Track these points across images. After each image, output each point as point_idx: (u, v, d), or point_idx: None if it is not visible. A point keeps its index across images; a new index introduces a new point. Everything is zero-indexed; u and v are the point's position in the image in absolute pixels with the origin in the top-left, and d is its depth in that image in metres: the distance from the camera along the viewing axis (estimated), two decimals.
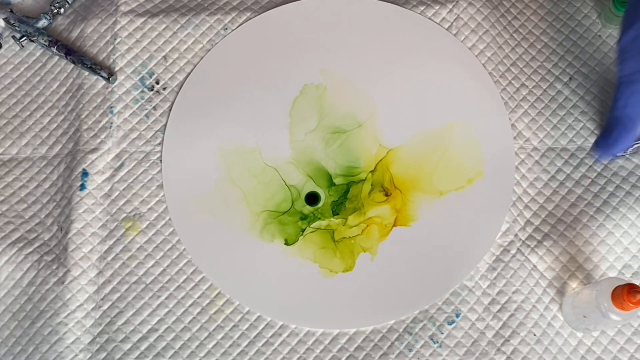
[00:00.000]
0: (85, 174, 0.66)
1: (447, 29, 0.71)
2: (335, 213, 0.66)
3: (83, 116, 0.68)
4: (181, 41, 0.71)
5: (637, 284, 0.64)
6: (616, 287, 0.55)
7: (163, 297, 0.63)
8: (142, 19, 0.71)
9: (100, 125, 0.68)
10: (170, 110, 0.69)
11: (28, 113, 0.69)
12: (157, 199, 0.66)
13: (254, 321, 0.63)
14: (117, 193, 0.66)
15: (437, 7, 0.72)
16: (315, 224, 0.65)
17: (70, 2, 0.72)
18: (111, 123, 0.68)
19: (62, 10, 0.72)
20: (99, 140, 0.67)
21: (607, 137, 0.59)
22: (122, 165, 0.67)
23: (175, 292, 0.63)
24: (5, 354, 0.62)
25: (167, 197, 0.66)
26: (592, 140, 0.68)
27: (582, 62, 0.71)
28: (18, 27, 0.70)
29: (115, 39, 0.70)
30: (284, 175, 0.67)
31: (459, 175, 0.67)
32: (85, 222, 0.65)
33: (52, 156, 0.68)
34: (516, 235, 0.65)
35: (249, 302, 0.63)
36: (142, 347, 0.62)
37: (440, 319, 0.62)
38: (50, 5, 0.72)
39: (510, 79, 0.70)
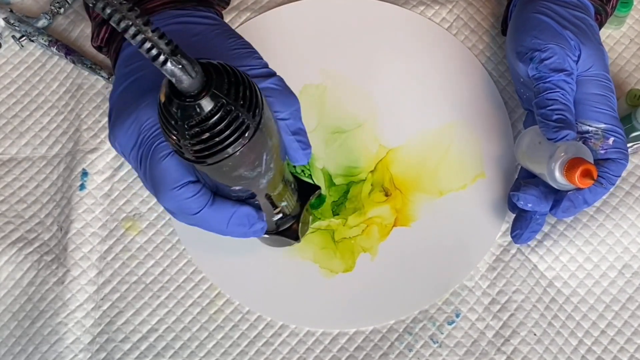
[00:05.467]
0: (85, 173, 0.66)
1: (447, 29, 0.72)
2: (335, 213, 0.66)
3: (83, 116, 0.68)
4: None
5: (637, 283, 0.64)
6: (573, 159, 0.54)
7: (163, 297, 0.63)
8: None
9: (100, 125, 0.68)
10: None
11: (27, 113, 0.69)
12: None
13: (253, 321, 0.63)
14: (117, 193, 0.66)
15: (437, 7, 0.72)
16: (315, 224, 0.65)
17: (70, 2, 0.72)
18: None
19: (62, 10, 0.72)
20: (98, 140, 0.67)
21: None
22: (121, 165, 0.67)
23: (175, 292, 0.63)
24: (5, 354, 0.62)
25: None
26: None
27: None
28: (18, 26, 0.70)
29: None
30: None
31: (459, 175, 0.67)
32: (85, 222, 0.65)
33: (51, 156, 0.68)
34: None
35: (249, 302, 0.63)
36: (142, 347, 0.62)
37: (440, 319, 0.62)
38: (50, 5, 0.72)
39: (510, 79, 0.69)
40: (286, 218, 0.56)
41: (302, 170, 0.66)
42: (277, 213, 0.54)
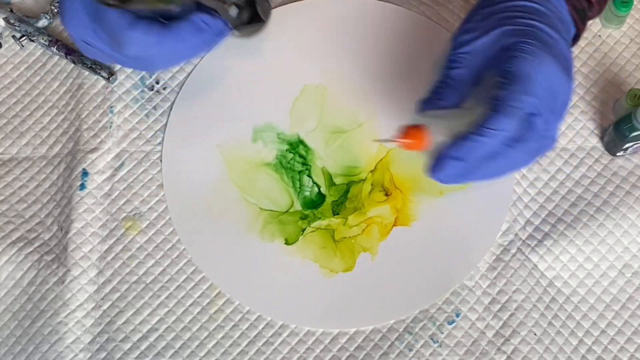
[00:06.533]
0: (85, 173, 0.66)
1: (447, 29, 0.71)
2: (335, 213, 0.66)
3: (83, 116, 0.68)
4: None
5: (637, 282, 0.64)
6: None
7: (163, 297, 0.63)
8: None
9: (101, 124, 0.68)
10: (170, 109, 0.69)
11: (28, 113, 0.69)
12: (157, 198, 0.66)
13: (254, 321, 0.63)
14: (117, 193, 0.66)
15: (437, 7, 0.72)
16: (315, 224, 0.65)
17: None
18: (111, 123, 0.68)
19: None
20: (99, 140, 0.67)
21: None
22: (122, 164, 0.67)
23: (175, 291, 0.63)
24: (5, 353, 0.62)
25: (167, 197, 0.66)
26: (592, 140, 0.68)
27: (582, 62, 0.71)
28: (18, 26, 0.70)
29: None
30: (284, 174, 0.67)
31: None
32: (85, 222, 0.65)
33: (52, 156, 0.68)
34: (516, 234, 0.65)
35: (249, 302, 0.63)
36: (142, 347, 0.62)
37: (440, 319, 0.62)
38: (50, 4, 0.72)
39: None
40: (244, 9, 0.60)
41: (301, 170, 0.66)
42: (230, 6, 0.58)
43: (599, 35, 0.71)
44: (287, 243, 0.65)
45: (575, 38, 0.58)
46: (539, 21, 0.53)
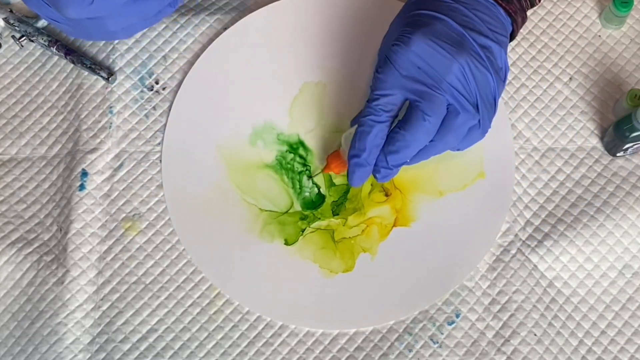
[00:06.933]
0: (84, 174, 0.66)
1: None
2: (335, 213, 0.65)
3: (82, 116, 0.68)
4: (181, 41, 0.71)
5: (637, 283, 0.64)
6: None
7: (162, 298, 0.63)
8: None
9: (100, 125, 0.68)
10: (169, 110, 0.69)
11: (27, 113, 0.69)
12: (156, 199, 0.66)
13: (253, 321, 0.63)
14: (117, 193, 0.66)
15: None
16: (315, 224, 0.65)
17: None
18: (110, 123, 0.68)
19: None
20: (98, 141, 0.67)
21: None
22: (121, 165, 0.67)
23: (174, 292, 0.63)
24: (4, 354, 0.62)
25: (166, 197, 0.66)
26: (592, 140, 0.68)
27: (582, 62, 0.70)
28: (18, 26, 0.70)
29: None
30: (284, 175, 0.67)
31: (459, 175, 0.66)
32: (85, 223, 0.65)
33: (51, 156, 0.68)
34: (516, 235, 0.64)
35: (249, 303, 0.63)
36: (142, 348, 0.62)
37: (440, 320, 0.62)
38: None
39: (510, 79, 0.69)
40: None
41: (301, 171, 0.66)
42: None
43: (599, 35, 0.71)
44: (286, 243, 0.64)
45: (515, 21, 0.60)
46: (423, 8, 0.56)
